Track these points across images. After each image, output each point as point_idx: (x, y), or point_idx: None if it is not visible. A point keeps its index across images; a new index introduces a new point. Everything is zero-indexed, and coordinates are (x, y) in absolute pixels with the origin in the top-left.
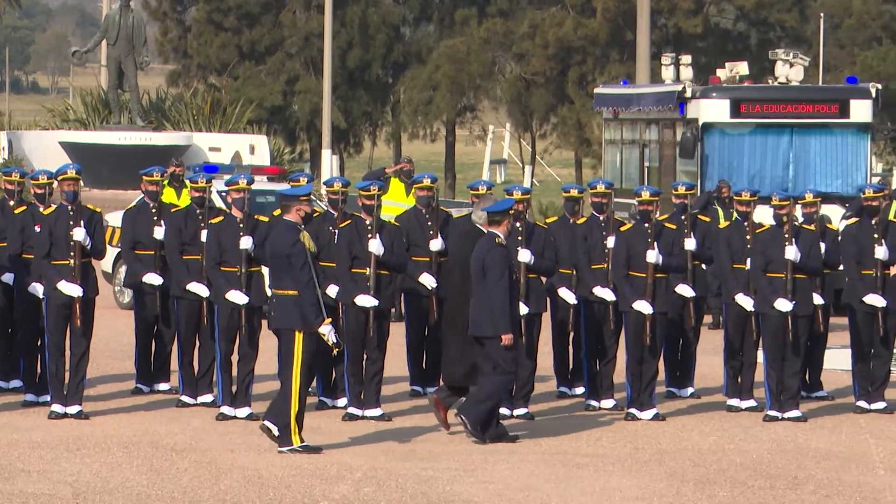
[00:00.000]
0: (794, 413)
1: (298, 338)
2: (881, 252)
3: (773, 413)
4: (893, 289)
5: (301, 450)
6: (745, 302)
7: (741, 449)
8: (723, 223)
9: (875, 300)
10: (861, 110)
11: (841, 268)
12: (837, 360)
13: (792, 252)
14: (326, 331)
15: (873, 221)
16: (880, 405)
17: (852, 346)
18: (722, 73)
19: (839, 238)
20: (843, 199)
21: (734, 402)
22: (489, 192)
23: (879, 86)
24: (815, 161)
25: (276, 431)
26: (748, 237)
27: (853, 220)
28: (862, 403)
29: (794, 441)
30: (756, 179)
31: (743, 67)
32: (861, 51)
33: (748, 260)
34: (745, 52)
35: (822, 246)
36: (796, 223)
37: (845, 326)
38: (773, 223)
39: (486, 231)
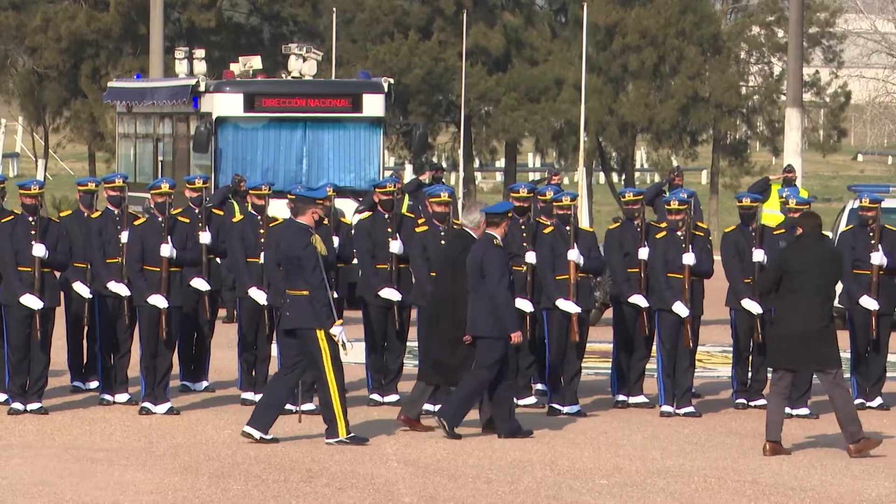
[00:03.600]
0: (309, 406)
1: (320, 335)
2: (395, 246)
3: (288, 406)
4: (408, 282)
5: (349, 441)
6: (259, 296)
7: (256, 442)
8: (237, 217)
9: (390, 294)
10: (373, 105)
11: (355, 261)
12: (352, 353)
13: None
14: (337, 332)
15: (387, 216)
16: (393, 398)
17: (366, 339)
18: (235, 68)
19: (353, 231)
20: (357, 192)
21: (248, 395)
22: (480, 202)
23: (391, 80)
24: (329, 155)
25: (257, 436)
26: (262, 231)
27: (366, 214)
28: (375, 396)
29: (308, 434)
30: (270, 173)
31: (256, 62)
32: (373, 45)
33: (262, 254)
34: (258, 47)
35: (336, 240)
36: None
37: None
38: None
39: (474, 235)
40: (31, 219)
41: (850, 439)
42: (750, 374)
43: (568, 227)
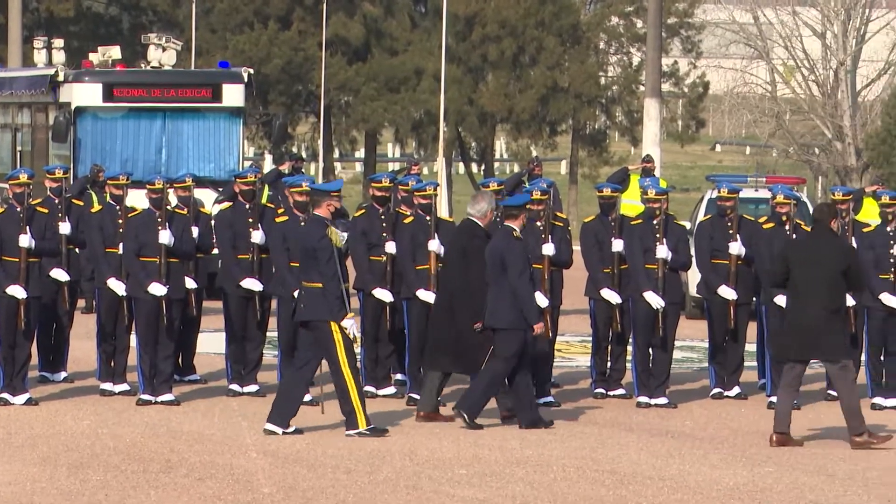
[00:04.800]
0: (168, 396)
1: (334, 327)
2: (257, 237)
3: (146, 397)
4: (269, 272)
5: (368, 433)
6: (118, 287)
7: (115, 433)
8: (96, 207)
9: (251, 284)
10: (233, 94)
11: (215, 251)
12: (211, 343)
13: (165, 237)
14: (348, 325)
15: (248, 206)
16: (252, 388)
17: (226, 329)
18: (94, 57)
19: (213, 222)
20: (216, 183)
21: (107, 385)
22: (486, 192)
23: (251, 70)
24: (189, 145)
25: (280, 432)
26: (121, 221)
27: (227, 204)
28: (234, 387)
29: (167, 424)
30: (129, 163)
31: (115, 51)
32: (233, 35)
33: (121, 245)
34: (117, 36)
35: (195, 230)
36: (169, 207)
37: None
38: (150, 208)
39: (481, 224)
40: None
41: (851, 432)
42: (609, 364)
43: (428, 218)
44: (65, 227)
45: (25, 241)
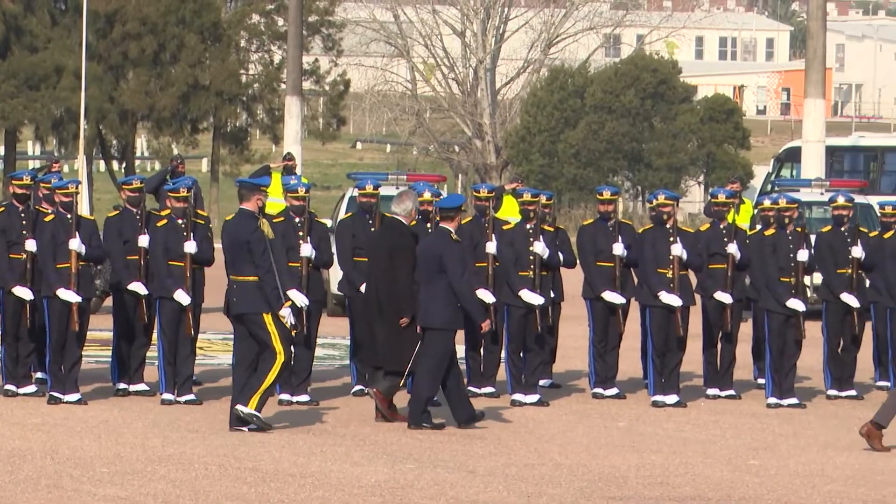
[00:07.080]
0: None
1: (268, 318)
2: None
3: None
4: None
5: (254, 415)
6: None
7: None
8: None
9: None
10: None
11: None
12: None
13: None
14: (286, 314)
15: None
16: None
17: None
18: None
19: None
20: None
21: None
22: (410, 190)
23: None
24: None
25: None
26: None
27: None
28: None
29: None
30: None
31: None
32: None
33: None
34: None
35: None
36: None
37: None
38: None
39: (405, 222)
40: None
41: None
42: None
43: (70, 216)
44: None
45: None
